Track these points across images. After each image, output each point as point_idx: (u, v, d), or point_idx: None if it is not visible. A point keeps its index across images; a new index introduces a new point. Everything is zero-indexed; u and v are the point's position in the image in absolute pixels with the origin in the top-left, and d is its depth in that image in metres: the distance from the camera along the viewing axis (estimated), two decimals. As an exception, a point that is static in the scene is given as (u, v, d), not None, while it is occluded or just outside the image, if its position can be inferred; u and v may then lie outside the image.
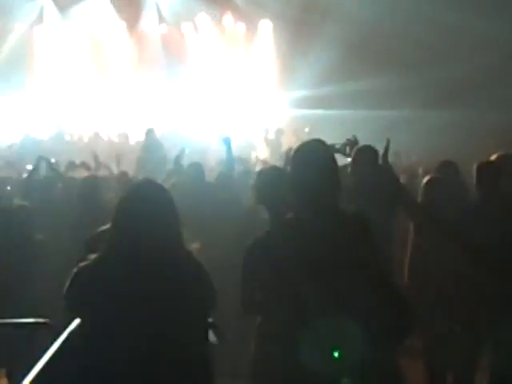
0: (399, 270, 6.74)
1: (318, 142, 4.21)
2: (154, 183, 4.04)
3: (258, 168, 11.00)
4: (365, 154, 6.57)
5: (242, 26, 22.96)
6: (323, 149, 4.19)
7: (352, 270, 3.81)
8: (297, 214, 4.08)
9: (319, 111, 20.29)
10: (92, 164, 11.61)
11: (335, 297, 3.75)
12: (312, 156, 4.10)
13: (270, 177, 5.47)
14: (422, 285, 6.53)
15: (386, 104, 19.25)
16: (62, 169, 11.03)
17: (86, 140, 18.90)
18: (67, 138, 18.88)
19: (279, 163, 11.67)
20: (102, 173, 11.00)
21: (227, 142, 9.17)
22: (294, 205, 4.12)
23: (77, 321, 3.88)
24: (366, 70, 19.55)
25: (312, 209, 4.01)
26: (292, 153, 4.23)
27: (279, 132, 18.45)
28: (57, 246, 7.74)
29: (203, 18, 22.85)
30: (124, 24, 23.09)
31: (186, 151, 11.80)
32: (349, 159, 6.74)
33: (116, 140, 18.46)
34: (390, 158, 5.03)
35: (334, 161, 4.17)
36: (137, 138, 18.00)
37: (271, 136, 18.58)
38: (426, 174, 9.22)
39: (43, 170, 10.30)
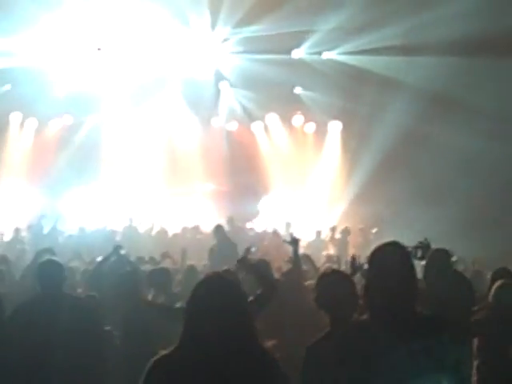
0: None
1: (396, 245, 4.23)
2: (224, 278, 4.01)
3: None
4: (440, 258, 6.52)
5: (311, 125, 23.40)
6: (401, 252, 4.21)
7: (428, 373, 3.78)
8: (373, 316, 4.08)
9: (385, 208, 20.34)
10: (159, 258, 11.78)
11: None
12: (390, 259, 4.12)
13: (332, 282, 5.41)
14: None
15: (452, 201, 19.07)
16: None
17: (154, 233, 19.10)
18: (138, 231, 19.11)
19: (345, 265, 11.73)
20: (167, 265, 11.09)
21: (295, 243, 9.30)
22: (369, 308, 4.12)
23: None
24: (434, 166, 19.56)
25: (390, 312, 4.00)
26: (370, 255, 4.25)
27: (346, 232, 18.42)
28: (126, 338, 7.76)
29: (273, 117, 23.34)
30: (196, 119, 23.64)
31: (253, 249, 11.88)
32: (421, 262, 6.70)
33: (182, 233, 18.64)
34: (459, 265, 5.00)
35: (412, 264, 4.19)
36: (204, 231, 18.22)
37: (338, 235, 18.54)
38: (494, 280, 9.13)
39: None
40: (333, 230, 18.79)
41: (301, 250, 10.05)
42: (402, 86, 19.59)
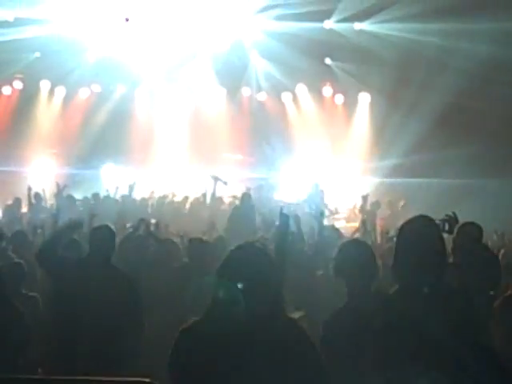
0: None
1: (426, 219, 4.24)
2: (256, 247, 4.06)
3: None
4: (469, 232, 6.48)
5: (340, 97, 23.34)
6: (431, 225, 4.23)
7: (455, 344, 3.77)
8: (402, 288, 4.09)
9: (414, 180, 20.25)
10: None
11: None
12: (420, 232, 4.13)
13: (351, 250, 5.43)
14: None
15: (480, 173, 18.93)
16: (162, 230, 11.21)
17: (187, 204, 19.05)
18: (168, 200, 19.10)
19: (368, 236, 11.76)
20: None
21: (319, 217, 9.35)
22: (399, 279, 4.13)
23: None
24: (459, 138, 19.43)
25: (418, 284, 4.01)
26: (400, 228, 4.26)
27: (376, 205, 18.09)
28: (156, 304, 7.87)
29: (302, 88, 23.28)
30: (224, 90, 23.65)
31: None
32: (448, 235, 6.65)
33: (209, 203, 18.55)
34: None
35: (442, 238, 4.20)
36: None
37: (368, 207, 18.16)
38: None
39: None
40: (364, 198, 18.26)
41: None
42: (433, 59, 19.45)
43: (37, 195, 17.58)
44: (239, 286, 3.74)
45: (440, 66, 19.54)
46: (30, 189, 17.27)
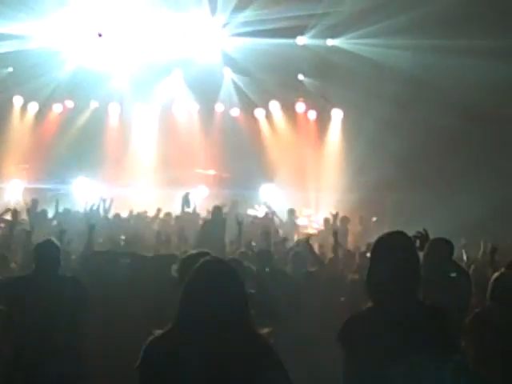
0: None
1: (401, 234, 4.25)
2: (223, 262, 4.05)
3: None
4: (439, 248, 6.46)
5: (313, 113, 23.44)
6: (406, 241, 4.24)
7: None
8: (376, 304, 4.09)
9: (386, 196, 20.32)
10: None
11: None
12: (396, 248, 4.13)
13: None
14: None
15: (457, 187, 19.02)
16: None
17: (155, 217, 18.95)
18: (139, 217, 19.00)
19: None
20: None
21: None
22: (372, 295, 4.13)
23: None
24: (436, 153, 19.55)
25: (393, 301, 4.01)
26: (374, 243, 4.26)
27: (345, 220, 18.09)
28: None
29: (275, 104, 23.37)
30: (198, 106, 23.68)
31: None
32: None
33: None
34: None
35: (417, 254, 4.21)
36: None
37: (338, 223, 18.15)
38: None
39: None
40: (335, 216, 18.27)
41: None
42: (406, 76, 19.55)
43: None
44: None
45: (412, 83, 19.63)
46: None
